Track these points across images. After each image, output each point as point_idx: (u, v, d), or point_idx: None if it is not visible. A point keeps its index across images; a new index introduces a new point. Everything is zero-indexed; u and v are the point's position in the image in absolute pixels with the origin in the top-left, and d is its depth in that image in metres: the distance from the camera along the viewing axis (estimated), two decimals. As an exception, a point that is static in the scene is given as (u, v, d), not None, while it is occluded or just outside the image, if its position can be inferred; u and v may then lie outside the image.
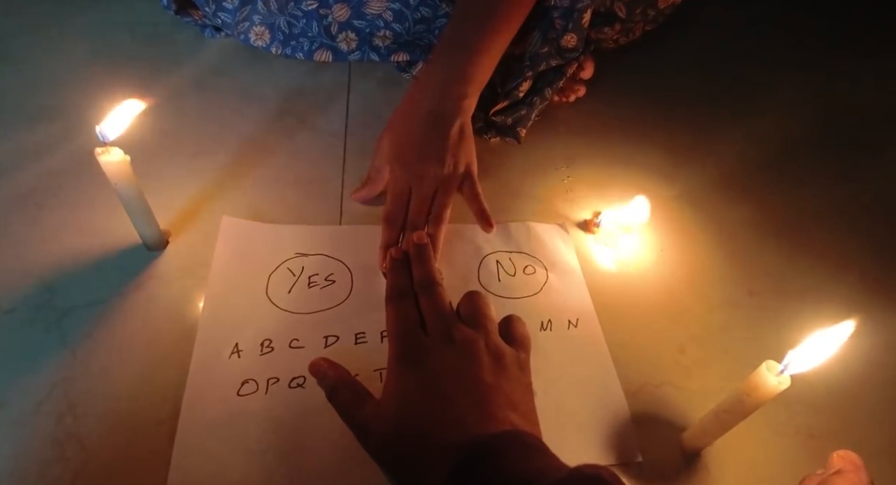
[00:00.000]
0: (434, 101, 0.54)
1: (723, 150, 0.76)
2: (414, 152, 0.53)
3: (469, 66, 0.54)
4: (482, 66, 0.55)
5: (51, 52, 0.76)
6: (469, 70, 0.54)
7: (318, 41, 0.74)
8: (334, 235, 0.57)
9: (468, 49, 0.55)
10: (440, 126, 0.53)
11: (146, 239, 0.53)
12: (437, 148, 0.53)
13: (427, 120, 0.53)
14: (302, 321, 0.50)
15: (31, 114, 0.66)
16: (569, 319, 0.53)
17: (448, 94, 0.54)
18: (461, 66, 0.54)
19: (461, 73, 0.54)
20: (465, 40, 0.55)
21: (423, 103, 0.54)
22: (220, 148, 0.65)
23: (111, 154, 0.45)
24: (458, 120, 0.54)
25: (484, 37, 0.55)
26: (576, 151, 0.72)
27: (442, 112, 0.54)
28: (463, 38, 0.55)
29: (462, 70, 0.54)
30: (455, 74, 0.54)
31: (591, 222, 0.62)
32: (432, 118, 0.53)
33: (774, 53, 0.98)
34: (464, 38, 0.55)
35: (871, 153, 0.81)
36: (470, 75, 0.55)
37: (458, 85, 0.54)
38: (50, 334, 0.48)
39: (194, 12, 0.77)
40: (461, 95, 0.55)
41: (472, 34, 0.55)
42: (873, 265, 0.65)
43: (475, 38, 0.55)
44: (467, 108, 0.56)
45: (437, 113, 0.54)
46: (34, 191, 0.58)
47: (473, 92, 0.56)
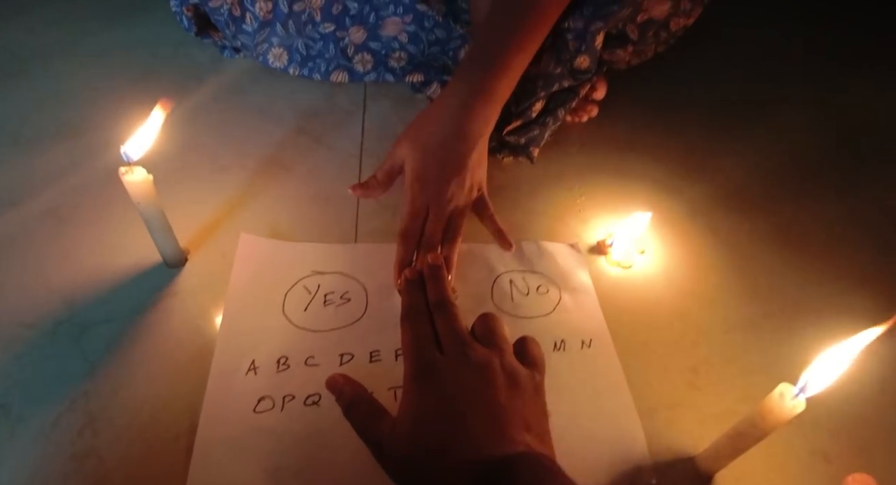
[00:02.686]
0: (459, 122, 0.54)
1: (735, 167, 0.76)
2: (434, 172, 0.53)
3: (493, 86, 0.55)
4: (505, 85, 0.56)
5: (73, 70, 0.78)
6: (493, 90, 0.55)
7: (335, 62, 0.76)
8: (350, 253, 0.58)
9: (492, 68, 0.55)
10: (461, 148, 0.54)
11: (166, 256, 0.54)
12: (457, 169, 0.54)
13: (451, 141, 0.54)
14: (318, 339, 0.50)
15: (53, 131, 0.68)
16: (582, 340, 0.53)
17: (473, 115, 0.54)
18: (486, 86, 0.54)
19: (486, 92, 0.54)
20: (489, 59, 0.55)
21: (448, 122, 0.54)
22: (239, 166, 0.66)
23: (135, 174, 0.46)
24: (478, 142, 0.55)
25: (507, 56, 0.55)
26: (588, 170, 0.72)
27: (464, 133, 0.54)
28: (487, 58, 0.55)
29: (487, 90, 0.54)
30: (480, 94, 0.54)
31: (603, 243, 0.62)
32: (456, 140, 0.54)
33: (783, 71, 0.98)
34: (488, 58, 0.55)
35: (883, 168, 0.81)
36: (494, 95, 0.55)
37: (483, 105, 0.54)
38: (70, 349, 0.49)
39: (214, 33, 0.79)
40: (485, 117, 0.55)
41: (496, 53, 0.55)
42: (889, 281, 0.65)
43: (499, 58, 0.55)
44: (488, 131, 0.56)
45: (459, 134, 0.54)
46: (56, 207, 0.60)
47: (495, 113, 0.56)
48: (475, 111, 0.54)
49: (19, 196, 0.61)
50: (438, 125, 0.54)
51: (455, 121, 0.54)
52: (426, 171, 0.54)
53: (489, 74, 0.55)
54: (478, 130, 0.55)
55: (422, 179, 0.54)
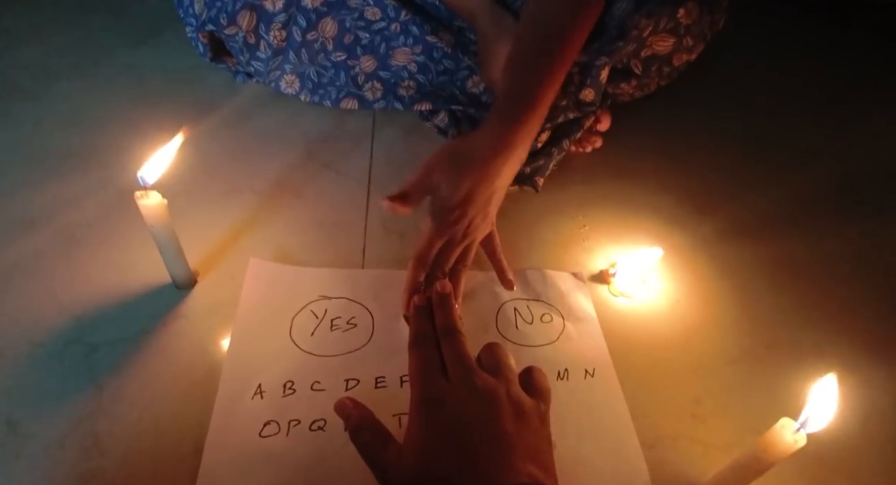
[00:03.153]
0: (493, 164, 0.54)
1: (738, 200, 0.77)
2: (466, 205, 0.54)
3: (529, 126, 0.56)
4: (537, 122, 0.57)
5: (88, 92, 0.80)
6: (529, 130, 0.56)
7: (345, 90, 0.78)
8: (357, 278, 0.59)
9: (529, 107, 0.56)
10: (494, 187, 0.55)
11: (176, 278, 0.55)
12: (485, 205, 0.55)
13: (483, 182, 0.54)
14: (324, 364, 0.51)
15: (67, 152, 0.70)
16: (585, 369, 0.54)
17: (507, 158, 0.55)
18: (522, 127, 0.55)
19: (522, 134, 0.55)
20: (526, 98, 0.56)
21: (484, 163, 0.54)
22: (249, 190, 0.68)
23: (150, 198, 0.48)
24: (504, 178, 0.56)
25: (542, 94, 0.56)
26: (592, 200, 0.73)
27: (499, 177, 0.55)
28: (523, 95, 0.56)
29: (522, 130, 0.55)
30: (517, 135, 0.55)
31: (606, 272, 0.63)
32: (488, 181, 0.54)
33: (789, 105, 1.00)
34: (524, 95, 0.56)
35: (890, 207, 0.82)
36: (529, 135, 0.56)
37: (518, 147, 0.55)
38: (78, 369, 0.49)
39: (228, 59, 0.81)
40: (518, 158, 0.56)
41: (532, 91, 0.56)
42: (891, 317, 0.65)
43: (534, 95, 0.56)
44: (517, 167, 0.57)
45: (495, 177, 0.54)
46: (69, 227, 0.61)
47: (527, 152, 0.58)
48: (512, 154, 0.55)
49: (33, 216, 0.62)
50: (477, 163, 0.54)
51: (493, 162, 0.54)
52: (456, 205, 0.53)
53: (526, 115, 0.55)
54: (511, 173, 0.56)
55: (450, 211, 0.53)
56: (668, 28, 0.66)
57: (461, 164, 0.54)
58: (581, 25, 0.60)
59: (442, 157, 0.54)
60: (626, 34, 0.65)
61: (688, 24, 0.66)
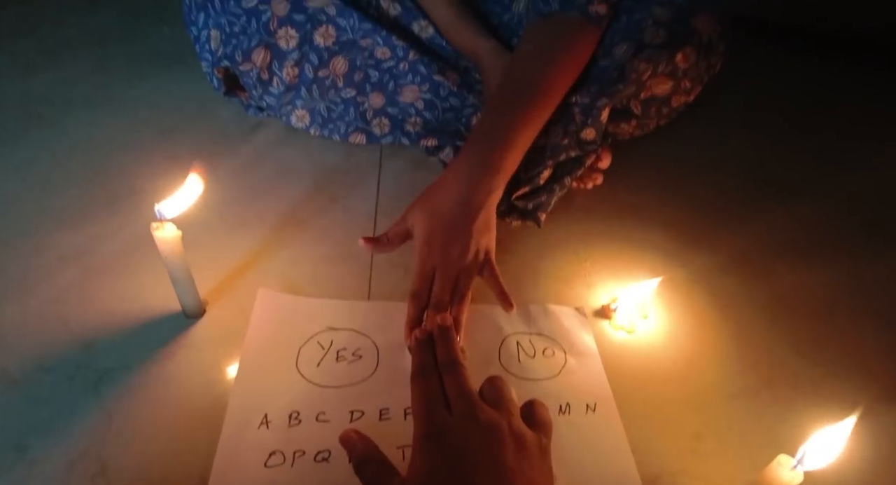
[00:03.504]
0: (464, 192, 0.58)
1: (736, 235, 0.78)
2: (442, 237, 0.57)
3: (499, 160, 0.59)
4: (511, 158, 0.60)
5: (104, 121, 0.82)
6: (499, 163, 0.59)
7: (354, 125, 0.80)
8: (363, 310, 0.60)
9: (499, 143, 0.60)
10: (466, 216, 0.58)
11: (186, 307, 0.56)
12: (463, 235, 0.57)
13: (457, 209, 0.57)
14: (329, 395, 0.52)
15: (81, 179, 0.72)
16: (587, 404, 0.55)
17: (478, 186, 0.58)
18: (492, 160, 0.59)
19: (491, 165, 0.59)
20: (497, 134, 0.60)
21: (455, 191, 0.58)
22: (259, 221, 0.69)
23: (165, 230, 0.49)
24: (483, 211, 0.58)
25: (514, 132, 0.60)
26: (593, 235, 0.75)
27: (469, 202, 0.58)
28: (494, 132, 0.60)
29: (492, 163, 0.59)
30: (486, 167, 0.59)
31: (607, 307, 0.64)
32: (462, 208, 0.58)
33: (785, 142, 1.02)
34: (495, 133, 0.60)
35: (889, 244, 0.83)
36: (499, 168, 0.59)
37: (488, 177, 0.59)
38: (87, 395, 0.50)
39: (241, 94, 0.84)
40: (489, 188, 0.59)
41: (503, 129, 0.60)
42: (890, 356, 0.66)
43: (506, 133, 0.60)
44: (494, 200, 0.60)
45: (467, 203, 0.58)
46: (81, 254, 0.63)
47: (500, 184, 0.60)
48: (481, 183, 0.58)
49: (45, 242, 0.63)
50: (447, 194, 0.58)
51: (462, 191, 0.58)
52: (433, 235, 0.57)
53: (496, 149, 0.59)
54: (481, 200, 0.58)
55: (430, 243, 0.57)
56: (667, 72, 0.68)
57: (431, 202, 0.58)
58: (560, 78, 0.65)
59: (419, 198, 0.59)
60: (626, 77, 0.67)
61: (685, 69, 0.68)
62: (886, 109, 1.18)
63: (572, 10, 0.65)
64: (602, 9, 0.66)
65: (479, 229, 0.58)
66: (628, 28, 0.67)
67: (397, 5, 0.76)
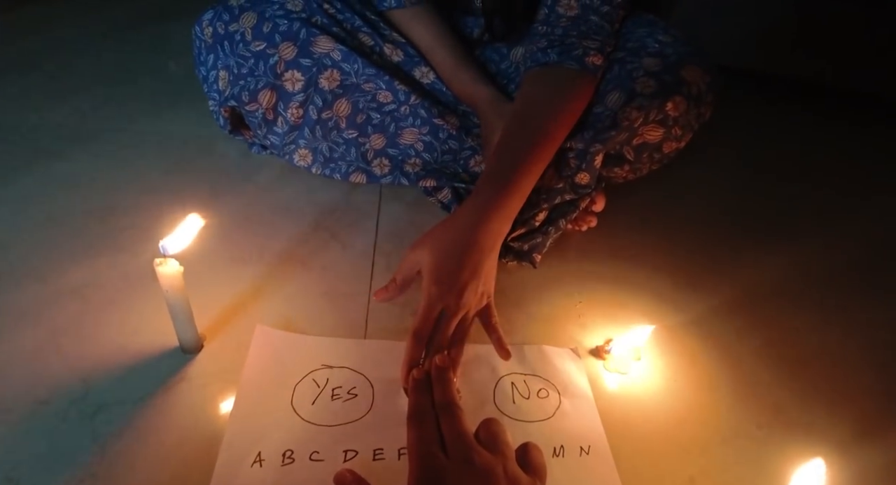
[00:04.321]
0: (475, 235, 0.59)
1: (729, 279, 0.80)
2: (452, 277, 0.57)
3: (506, 204, 0.61)
4: (516, 202, 0.62)
5: (110, 155, 0.84)
6: (507, 207, 0.61)
7: (355, 165, 0.82)
8: (359, 348, 0.60)
9: (506, 187, 0.61)
10: (477, 257, 0.58)
11: (183, 343, 0.57)
12: (472, 276, 0.58)
13: (468, 251, 0.58)
14: (323, 434, 0.51)
15: (84, 212, 0.73)
16: (581, 446, 0.55)
17: (488, 229, 0.60)
18: (499, 204, 0.61)
19: (499, 209, 0.61)
20: (504, 179, 0.62)
21: (465, 234, 0.59)
22: (258, 258, 0.70)
23: (168, 265, 0.50)
24: (490, 253, 0.60)
25: (520, 176, 0.62)
26: (588, 276, 0.76)
27: (479, 245, 0.59)
28: (502, 177, 0.62)
29: (500, 207, 0.61)
30: (494, 210, 0.60)
31: (601, 349, 0.65)
32: (472, 250, 0.58)
33: (778, 189, 1.05)
34: (503, 177, 0.62)
35: (879, 288, 0.85)
36: (508, 211, 0.61)
37: (496, 221, 0.60)
38: (82, 429, 0.50)
39: (246, 132, 0.86)
40: (498, 231, 0.61)
41: (510, 173, 0.62)
42: (883, 397, 0.67)
43: (512, 178, 0.62)
44: (499, 243, 0.62)
45: (475, 245, 0.59)
46: (81, 286, 0.63)
47: (506, 227, 0.62)
48: (490, 225, 0.60)
49: (46, 273, 0.64)
50: (457, 235, 0.59)
51: (472, 233, 0.59)
52: (444, 275, 0.57)
53: (503, 194, 0.61)
54: (491, 243, 0.60)
55: (440, 282, 0.57)
56: (658, 119, 0.71)
57: (440, 242, 0.59)
58: (562, 125, 0.67)
59: (424, 238, 0.60)
60: (619, 124, 0.70)
61: (675, 117, 0.71)
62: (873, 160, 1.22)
63: (570, 61, 0.68)
64: (598, 60, 0.69)
65: (485, 272, 0.59)
66: (620, 77, 0.70)
67: (400, 52, 0.79)
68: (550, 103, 0.67)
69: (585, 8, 0.69)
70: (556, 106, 0.67)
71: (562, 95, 0.67)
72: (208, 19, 0.75)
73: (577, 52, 0.68)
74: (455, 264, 0.57)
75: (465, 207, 0.61)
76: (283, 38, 0.72)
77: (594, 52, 0.68)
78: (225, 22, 0.74)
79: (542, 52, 0.70)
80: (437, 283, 0.57)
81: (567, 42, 0.69)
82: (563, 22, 0.70)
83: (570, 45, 0.68)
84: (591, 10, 0.69)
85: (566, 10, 0.70)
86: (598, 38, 0.69)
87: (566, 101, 0.67)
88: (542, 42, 0.71)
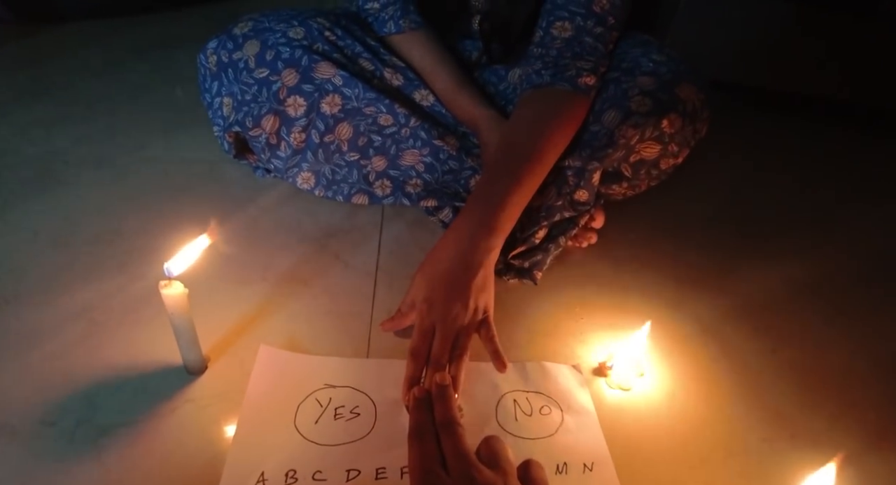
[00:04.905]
0: (464, 252, 0.60)
1: (729, 294, 0.80)
2: (442, 295, 0.58)
3: (496, 221, 0.62)
4: (507, 219, 0.63)
5: (116, 179, 0.86)
6: (496, 224, 0.62)
7: (357, 186, 0.83)
8: (361, 368, 0.61)
9: (496, 205, 0.63)
10: (467, 275, 0.60)
11: (188, 364, 0.57)
12: (461, 293, 0.59)
13: (456, 268, 0.60)
14: (326, 453, 0.52)
15: (91, 236, 0.74)
16: (584, 463, 0.55)
17: (477, 246, 0.61)
18: (489, 221, 0.62)
19: (489, 226, 0.62)
20: (494, 197, 0.63)
21: (454, 252, 0.61)
22: (262, 278, 0.71)
23: (173, 287, 0.51)
24: (482, 270, 0.61)
25: (509, 194, 0.64)
26: (589, 293, 0.77)
27: (468, 262, 0.60)
28: (492, 195, 0.64)
29: (490, 224, 0.62)
30: (484, 227, 0.62)
31: (603, 365, 0.65)
32: (461, 267, 0.60)
33: (778, 199, 1.06)
34: (492, 195, 0.63)
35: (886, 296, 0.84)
36: (496, 228, 0.62)
37: (486, 237, 0.61)
38: (87, 450, 0.51)
39: (250, 156, 0.88)
40: (488, 247, 0.61)
41: (500, 191, 0.64)
42: (888, 410, 0.66)
43: (502, 195, 0.63)
44: (492, 259, 0.62)
45: (466, 262, 0.60)
46: (89, 309, 0.64)
47: (498, 243, 0.63)
48: (479, 243, 0.61)
49: (55, 296, 0.65)
50: (446, 255, 0.61)
51: (461, 252, 0.60)
52: (433, 294, 0.59)
53: (493, 211, 0.63)
54: (480, 260, 0.61)
55: (429, 301, 0.59)
56: (654, 137, 0.72)
57: (432, 264, 0.61)
58: (552, 144, 0.68)
59: (422, 263, 0.62)
60: (615, 142, 0.71)
61: (671, 134, 0.72)
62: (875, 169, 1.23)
63: (562, 83, 0.69)
64: (590, 80, 0.70)
65: (478, 288, 0.60)
66: (616, 96, 0.71)
67: (400, 76, 0.81)
68: (542, 123, 0.68)
69: (579, 30, 0.71)
70: (548, 126, 0.68)
71: (553, 116, 0.69)
72: (213, 48, 0.77)
73: (570, 73, 0.70)
74: (443, 283, 0.59)
75: (456, 226, 0.63)
76: (286, 65, 0.74)
77: (587, 73, 0.70)
78: (229, 50, 0.76)
79: (536, 73, 0.71)
80: (427, 302, 0.59)
81: (561, 63, 0.70)
82: (558, 43, 0.72)
83: (564, 66, 0.70)
84: (584, 31, 0.71)
85: (560, 32, 0.72)
86: (591, 58, 0.71)
87: (558, 122, 0.69)
88: (536, 64, 0.72)
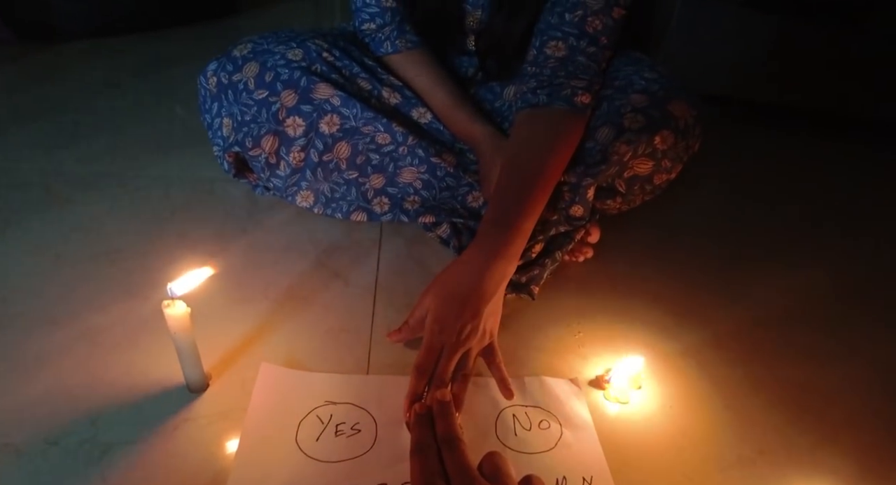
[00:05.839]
0: (479, 277, 0.62)
1: (725, 308, 0.81)
2: (454, 317, 0.60)
3: (510, 246, 0.64)
4: (519, 244, 0.65)
5: (117, 198, 0.87)
6: (509, 250, 0.64)
7: (355, 204, 0.85)
8: (362, 384, 0.61)
9: (509, 230, 0.64)
10: (481, 300, 0.61)
11: (190, 382, 0.58)
12: (472, 316, 0.60)
13: (470, 292, 0.61)
14: (327, 470, 0.52)
15: (92, 255, 0.75)
16: (583, 477, 0.55)
17: (492, 273, 0.62)
18: (503, 247, 0.63)
19: (503, 252, 0.63)
20: (506, 222, 0.65)
21: (469, 276, 0.62)
22: (262, 297, 0.72)
23: (175, 307, 0.52)
24: (494, 296, 0.62)
25: (521, 218, 0.65)
26: (586, 307, 0.77)
27: (482, 289, 0.61)
28: (504, 220, 0.65)
29: (504, 250, 0.63)
30: (498, 254, 0.63)
31: (601, 378, 0.66)
32: (475, 292, 0.61)
33: (773, 219, 1.07)
34: (505, 220, 0.65)
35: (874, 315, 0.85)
36: (510, 254, 0.64)
37: (501, 264, 0.63)
38: (90, 469, 0.51)
39: (250, 175, 0.89)
40: (503, 274, 0.63)
41: (512, 216, 0.65)
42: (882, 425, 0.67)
43: (514, 220, 0.65)
44: (503, 285, 0.64)
45: (481, 288, 0.61)
46: (92, 329, 0.65)
47: (511, 270, 0.65)
48: (495, 269, 0.62)
49: (57, 316, 0.66)
50: (461, 278, 0.62)
51: (476, 277, 0.62)
52: (445, 314, 0.60)
53: (505, 237, 0.64)
54: (494, 287, 0.62)
55: (440, 320, 0.60)
56: (647, 153, 0.73)
57: (445, 286, 0.62)
58: (557, 165, 0.70)
59: (434, 283, 0.63)
60: (609, 158, 0.72)
61: (664, 150, 0.73)
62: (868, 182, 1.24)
63: (560, 102, 0.71)
64: (586, 99, 0.72)
65: (488, 312, 0.62)
66: (609, 114, 0.73)
67: (397, 95, 0.83)
68: (544, 145, 0.70)
69: (572, 49, 0.73)
70: (550, 147, 0.70)
71: (554, 136, 0.70)
72: (213, 70, 0.79)
73: (565, 92, 0.71)
74: (458, 306, 0.60)
75: (471, 252, 0.64)
76: (285, 87, 0.76)
77: (582, 92, 0.71)
78: (229, 72, 0.77)
79: (532, 93, 0.73)
80: (439, 321, 0.60)
81: (556, 82, 0.72)
82: (552, 63, 0.73)
83: (559, 85, 0.71)
84: (577, 51, 0.73)
85: (554, 52, 0.73)
86: (585, 77, 0.72)
87: (559, 142, 0.70)
88: (531, 82, 0.74)
